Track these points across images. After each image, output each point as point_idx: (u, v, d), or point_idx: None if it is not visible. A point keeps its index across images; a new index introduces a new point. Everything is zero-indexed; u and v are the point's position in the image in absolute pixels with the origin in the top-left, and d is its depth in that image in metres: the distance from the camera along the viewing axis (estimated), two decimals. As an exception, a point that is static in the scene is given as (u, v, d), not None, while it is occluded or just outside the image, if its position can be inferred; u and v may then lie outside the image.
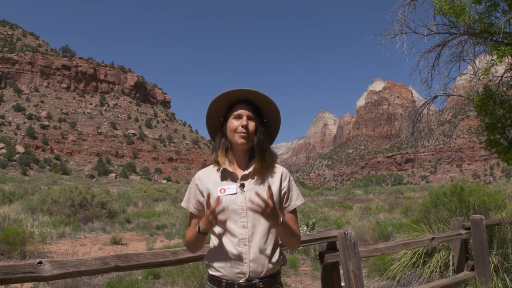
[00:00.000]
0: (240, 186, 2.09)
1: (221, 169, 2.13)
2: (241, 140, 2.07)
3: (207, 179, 2.15)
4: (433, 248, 6.23)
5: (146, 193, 31.49)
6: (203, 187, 2.13)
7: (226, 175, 2.13)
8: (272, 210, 1.89)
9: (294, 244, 2.14)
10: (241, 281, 2.03)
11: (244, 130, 2.07)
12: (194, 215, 2.17)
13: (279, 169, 2.19)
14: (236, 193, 2.07)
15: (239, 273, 2.03)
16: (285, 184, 2.17)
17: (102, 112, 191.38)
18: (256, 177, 2.11)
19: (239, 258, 2.03)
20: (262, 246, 2.05)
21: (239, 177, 2.11)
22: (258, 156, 2.10)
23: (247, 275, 2.02)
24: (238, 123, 2.09)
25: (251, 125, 2.10)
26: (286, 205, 2.17)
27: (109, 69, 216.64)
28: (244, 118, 2.09)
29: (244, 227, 2.04)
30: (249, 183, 2.10)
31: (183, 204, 2.20)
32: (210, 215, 1.90)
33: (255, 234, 2.05)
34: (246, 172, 2.11)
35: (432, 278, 5.88)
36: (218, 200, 1.89)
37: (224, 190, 2.07)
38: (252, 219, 2.05)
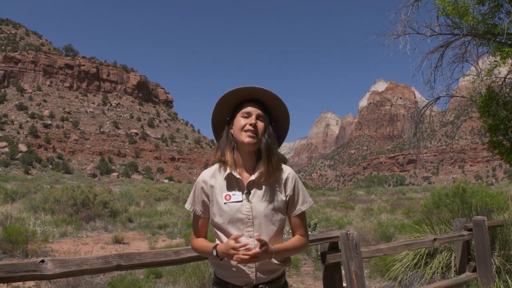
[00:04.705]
0: (246, 194, 2.02)
1: (226, 173, 2.05)
2: (248, 139, 1.98)
3: (213, 182, 2.08)
4: (435, 249, 6.22)
5: (148, 192, 31.52)
6: (209, 191, 2.08)
7: (231, 181, 2.06)
8: (261, 257, 1.87)
9: (300, 252, 2.12)
10: (247, 286, 2.01)
11: (252, 129, 1.99)
12: (199, 217, 2.13)
13: (286, 172, 2.12)
14: (241, 201, 2.00)
15: (245, 281, 2.01)
16: (289, 189, 2.10)
17: (104, 112, 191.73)
18: (262, 183, 2.04)
19: (246, 266, 1.99)
20: None
21: (245, 183, 2.04)
22: (265, 159, 2.02)
23: (254, 282, 2.00)
24: (246, 122, 2.01)
25: (260, 124, 2.02)
26: (292, 210, 2.12)
27: (112, 69, 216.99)
28: (253, 116, 2.02)
29: (250, 237, 1.98)
30: (255, 190, 2.03)
31: (187, 206, 2.15)
32: (232, 252, 1.85)
33: None
34: (253, 177, 2.03)
35: (434, 279, 5.87)
36: (240, 241, 1.88)
37: (230, 196, 2.01)
38: (259, 228, 2.00)
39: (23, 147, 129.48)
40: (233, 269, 2.00)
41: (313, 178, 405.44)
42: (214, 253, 1.95)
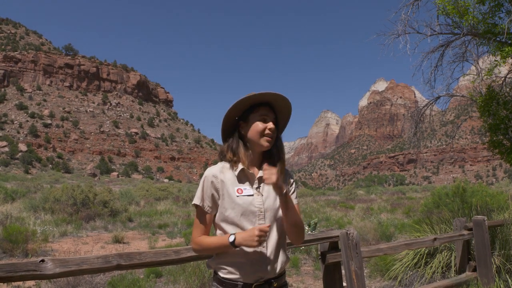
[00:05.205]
0: (257, 188, 2.10)
1: (239, 169, 2.11)
2: (267, 144, 2.09)
3: (222, 177, 2.11)
4: (435, 249, 6.22)
5: (148, 192, 31.53)
6: (219, 185, 2.10)
7: (242, 176, 2.12)
8: (279, 180, 1.95)
9: (299, 234, 2.13)
10: (258, 283, 2.03)
11: (271, 133, 2.09)
12: (206, 213, 2.13)
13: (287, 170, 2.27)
14: (253, 195, 2.08)
15: (258, 274, 2.03)
16: (290, 185, 2.24)
17: (104, 111, 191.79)
18: None
19: (258, 260, 2.03)
20: (278, 246, 2.09)
21: (256, 178, 2.12)
22: (279, 159, 2.15)
23: (266, 276, 2.04)
24: (265, 126, 2.10)
25: (274, 128, 2.13)
26: None
27: (112, 68, 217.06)
28: (271, 122, 2.11)
29: None
30: (263, 185, 2.12)
31: (197, 201, 2.13)
32: (257, 236, 1.90)
33: (271, 235, 2.07)
34: (261, 174, 2.11)
35: (434, 278, 5.87)
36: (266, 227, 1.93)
37: (241, 190, 2.07)
38: (269, 220, 2.07)
39: (23, 147, 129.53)
40: (246, 260, 2.03)
41: (313, 178, 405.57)
42: (232, 239, 1.97)
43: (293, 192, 2.24)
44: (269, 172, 1.93)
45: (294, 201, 2.21)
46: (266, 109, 2.13)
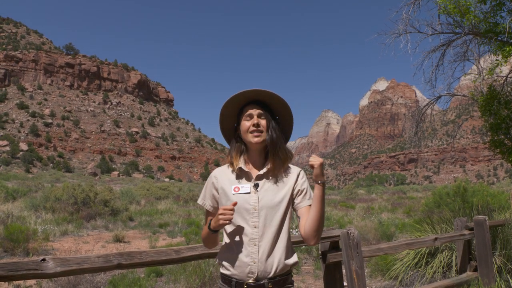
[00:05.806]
0: (254, 186, 2.12)
1: (237, 168, 2.16)
2: (255, 139, 2.11)
3: (223, 177, 2.19)
4: (436, 249, 6.22)
5: (148, 191, 31.57)
6: (219, 185, 2.18)
7: (241, 174, 2.16)
8: (322, 167, 2.07)
9: (321, 228, 2.07)
10: (250, 281, 2.04)
11: (255, 128, 2.11)
12: (210, 213, 2.22)
13: (296, 169, 2.22)
14: (249, 193, 2.10)
15: (248, 272, 2.04)
16: (301, 182, 2.18)
17: (105, 110, 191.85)
18: (270, 177, 2.14)
19: (248, 257, 2.04)
20: (272, 246, 2.07)
21: (254, 176, 2.14)
22: (271, 153, 2.13)
23: (256, 274, 2.04)
24: (250, 123, 2.13)
25: (262, 122, 2.13)
26: (301, 202, 2.15)
27: (112, 67, 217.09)
28: (255, 117, 2.13)
29: (255, 227, 2.06)
30: (263, 183, 2.13)
31: (199, 201, 2.25)
32: (220, 215, 1.96)
33: (265, 234, 2.06)
34: (261, 172, 2.13)
35: (434, 278, 5.87)
36: (234, 203, 2.00)
37: (238, 188, 2.12)
38: (264, 219, 2.07)
39: (24, 146, 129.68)
40: (238, 257, 2.05)
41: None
42: (208, 225, 2.10)
43: (305, 193, 2.17)
44: (315, 158, 2.06)
45: (308, 202, 2.15)
46: (250, 106, 2.17)
